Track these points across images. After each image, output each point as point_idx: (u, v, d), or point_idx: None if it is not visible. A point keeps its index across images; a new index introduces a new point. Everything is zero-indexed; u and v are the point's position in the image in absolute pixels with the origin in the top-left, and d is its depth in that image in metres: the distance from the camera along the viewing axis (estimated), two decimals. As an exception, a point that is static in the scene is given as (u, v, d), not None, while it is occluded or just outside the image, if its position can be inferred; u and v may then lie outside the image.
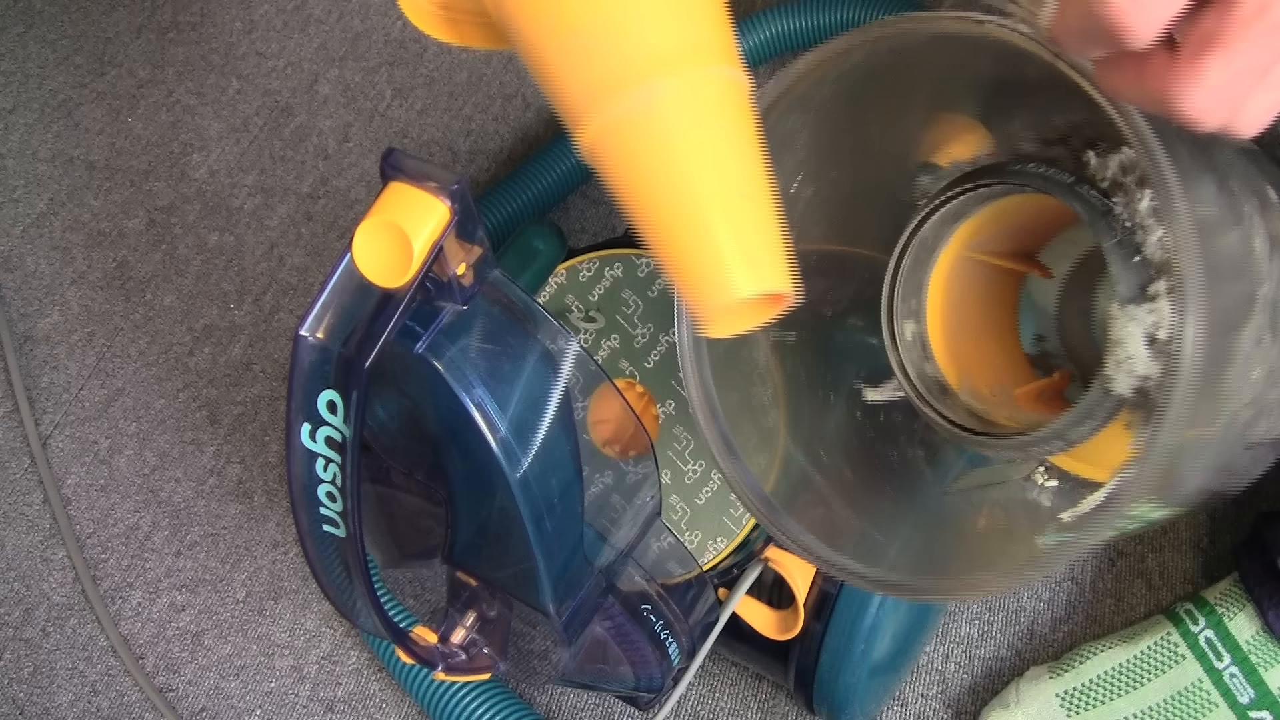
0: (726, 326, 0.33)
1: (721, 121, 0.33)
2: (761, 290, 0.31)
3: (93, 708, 0.66)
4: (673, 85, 0.32)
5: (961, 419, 0.45)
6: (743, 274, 0.31)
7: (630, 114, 0.32)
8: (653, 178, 0.32)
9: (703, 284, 0.32)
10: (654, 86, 0.32)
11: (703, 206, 0.32)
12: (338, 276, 0.37)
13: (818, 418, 0.48)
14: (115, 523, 0.71)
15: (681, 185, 0.32)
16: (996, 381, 0.48)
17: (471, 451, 0.40)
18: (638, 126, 0.32)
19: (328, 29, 0.90)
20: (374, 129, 0.84)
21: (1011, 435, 0.43)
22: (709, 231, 0.32)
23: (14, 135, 0.89)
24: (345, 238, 0.80)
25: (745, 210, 0.32)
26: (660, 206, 0.32)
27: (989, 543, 0.46)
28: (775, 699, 0.60)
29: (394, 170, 0.36)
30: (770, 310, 0.33)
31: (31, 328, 0.79)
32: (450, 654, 0.46)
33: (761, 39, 0.72)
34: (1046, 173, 0.41)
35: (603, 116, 0.32)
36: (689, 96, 0.32)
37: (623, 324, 0.54)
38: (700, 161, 0.32)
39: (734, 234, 0.32)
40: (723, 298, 0.32)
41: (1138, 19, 0.27)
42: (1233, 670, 0.52)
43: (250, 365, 0.76)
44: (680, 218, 0.32)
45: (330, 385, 0.37)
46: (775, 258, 0.32)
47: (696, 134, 0.32)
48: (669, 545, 0.49)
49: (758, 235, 0.32)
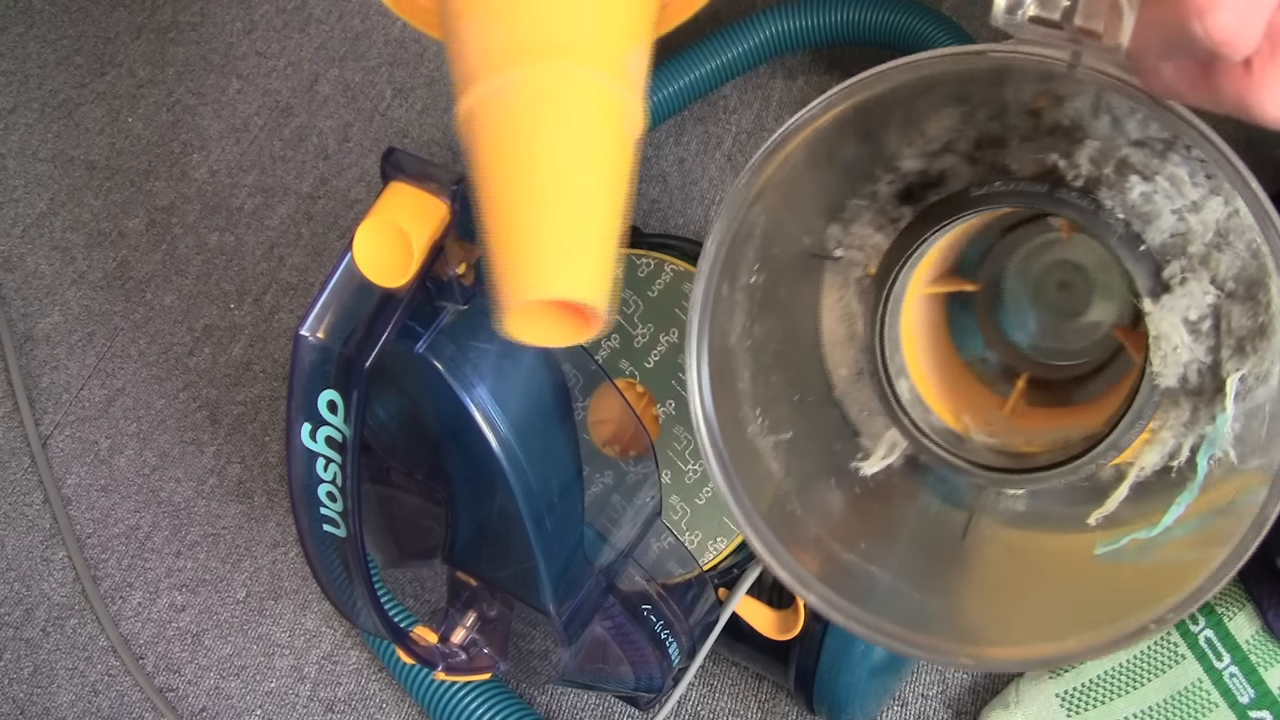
0: (531, 331, 0.33)
1: (578, 124, 0.32)
2: (560, 295, 0.31)
3: (93, 708, 0.66)
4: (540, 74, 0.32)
5: (991, 461, 0.44)
6: (548, 275, 0.31)
7: (496, 91, 0.32)
8: (496, 158, 0.32)
9: (511, 275, 0.31)
10: (524, 71, 0.32)
11: (529, 198, 0.32)
12: (338, 276, 0.37)
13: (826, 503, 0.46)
14: (115, 523, 0.71)
15: (516, 172, 0.32)
16: (985, 410, 0.47)
17: (471, 451, 0.40)
18: (498, 105, 0.32)
19: (328, 29, 0.90)
20: (374, 129, 0.84)
21: (1062, 463, 0.42)
22: (527, 223, 0.31)
23: (14, 135, 0.89)
24: (345, 238, 0.80)
25: (571, 214, 0.32)
26: (495, 188, 0.32)
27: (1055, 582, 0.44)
28: (775, 699, 0.60)
29: (394, 170, 0.36)
30: (582, 332, 0.33)
31: (31, 328, 0.79)
32: (450, 654, 0.46)
33: (762, 39, 0.72)
34: (1020, 189, 0.39)
35: (477, 89, 0.33)
36: (552, 90, 0.32)
37: (623, 324, 0.54)
38: (540, 154, 0.32)
39: (551, 233, 0.31)
40: (525, 293, 0.31)
41: (1243, 36, 0.26)
42: (1232, 670, 0.52)
43: (250, 365, 0.76)
44: (508, 203, 0.32)
45: (330, 385, 0.37)
46: (590, 271, 0.32)
47: (547, 127, 0.32)
48: (669, 545, 0.49)
49: (578, 243, 0.32)
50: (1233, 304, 0.38)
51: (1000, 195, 0.40)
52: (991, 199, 0.40)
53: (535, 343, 0.33)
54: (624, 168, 0.34)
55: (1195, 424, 0.40)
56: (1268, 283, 0.37)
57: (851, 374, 0.47)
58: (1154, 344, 0.38)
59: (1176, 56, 0.29)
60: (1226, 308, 0.38)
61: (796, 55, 0.78)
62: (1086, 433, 0.43)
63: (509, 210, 0.32)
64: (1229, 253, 0.38)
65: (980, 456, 0.44)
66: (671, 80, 0.72)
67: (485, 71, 0.33)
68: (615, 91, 0.33)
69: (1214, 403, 0.39)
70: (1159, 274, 0.38)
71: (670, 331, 0.53)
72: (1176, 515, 0.39)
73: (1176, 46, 0.28)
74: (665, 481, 0.52)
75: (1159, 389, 0.39)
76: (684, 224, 0.75)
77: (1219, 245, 0.38)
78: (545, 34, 0.33)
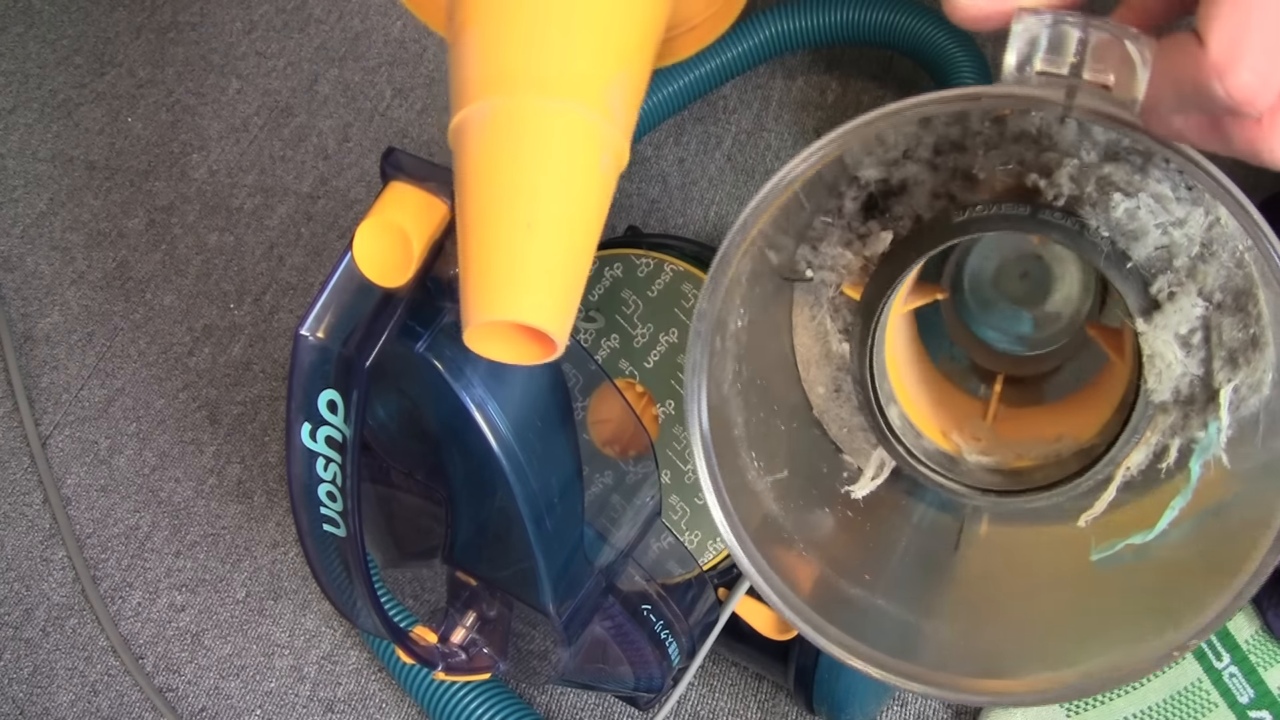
0: (488, 348, 0.34)
1: (551, 154, 0.33)
2: (517, 319, 0.32)
3: (93, 708, 0.66)
4: (519, 103, 0.33)
5: (986, 482, 0.44)
6: (508, 298, 0.32)
7: (479, 114, 0.34)
8: (471, 179, 0.33)
9: (473, 294, 0.33)
10: (505, 99, 0.33)
11: (497, 220, 0.33)
12: (338, 276, 0.37)
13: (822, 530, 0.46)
14: (115, 523, 0.71)
15: (488, 194, 0.33)
16: (969, 420, 0.47)
17: (471, 451, 0.40)
18: (479, 127, 0.34)
19: (328, 29, 0.90)
20: (374, 129, 0.84)
21: (1060, 482, 0.42)
22: (493, 245, 0.33)
23: (14, 135, 0.89)
24: (345, 238, 0.80)
25: (536, 240, 0.33)
26: (468, 208, 0.33)
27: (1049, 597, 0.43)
28: (775, 699, 0.60)
29: (394, 170, 0.36)
30: (538, 355, 0.34)
31: (31, 328, 0.79)
32: (450, 654, 0.46)
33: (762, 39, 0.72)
34: (1003, 213, 0.39)
35: (465, 110, 0.34)
36: (528, 118, 0.33)
37: (623, 324, 0.54)
38: (510, 179, 0.33)
39: (514, 257, 0.32)
40: (484, 314, 0.32)
41: (1262, 95, 0.26)
42: (1232, 670, 0.52)
43: (250, 365, 0.76)
44: (478, 223, 0.33)
45: (330, 385, 0.37)
46: (549, 299, 0.33)
47: (520, 153, 0.33)
48: (669, 545, 0.49)
49: (539, 270, 0.33)
50: (1222, 316, 0.38)
51: (983, 221, 0.39)
52: (974, 225, 0.39)
53: (491, 358, 0.34)
54: (595, 200, 0.35)
55: (1186, 428, 0.40)
56: (1255, 293, 0.37)
57: (829, 391, 0.47)
58: (1148, 363, 0.38)
59: (1192, 112, 0.29)
60: (1216, 320, 0.38)
61: (796, 55, 0.78)
62: (1078, 445, 0.43)
63: (478, 230, 0.33)
64: (1214, 264, 0.38)
65: (975, 478, 0.44)
66: (671, 80, 0.72)
67: (474, 94, 0.34)
68: (593, 125, 0.34)
69: (1205, 410, 0.39)
70: (1147, 291, 0.38)
71: (670, 331, 0.53)
72: (1171, 519, 0.39)
73: (1192, 103, 0.28)
74: (665, 481, 0.52)
75: (1153, 404, 0.39)
76: (684, 224, 0.75)
77: (1204, 257, 0.38)
78: (528, 64, 0.34)
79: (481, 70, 0.34)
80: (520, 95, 0.33)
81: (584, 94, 0.34)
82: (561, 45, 0.34)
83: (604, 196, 0.35)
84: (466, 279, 0.33)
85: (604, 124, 0.34)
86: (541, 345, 0.34)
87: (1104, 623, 0.40)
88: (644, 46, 0.38)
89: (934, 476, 0.44)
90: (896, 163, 0.42)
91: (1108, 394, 0.42)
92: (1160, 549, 0.40)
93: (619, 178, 0.37)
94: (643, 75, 0.38)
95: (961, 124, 0.41)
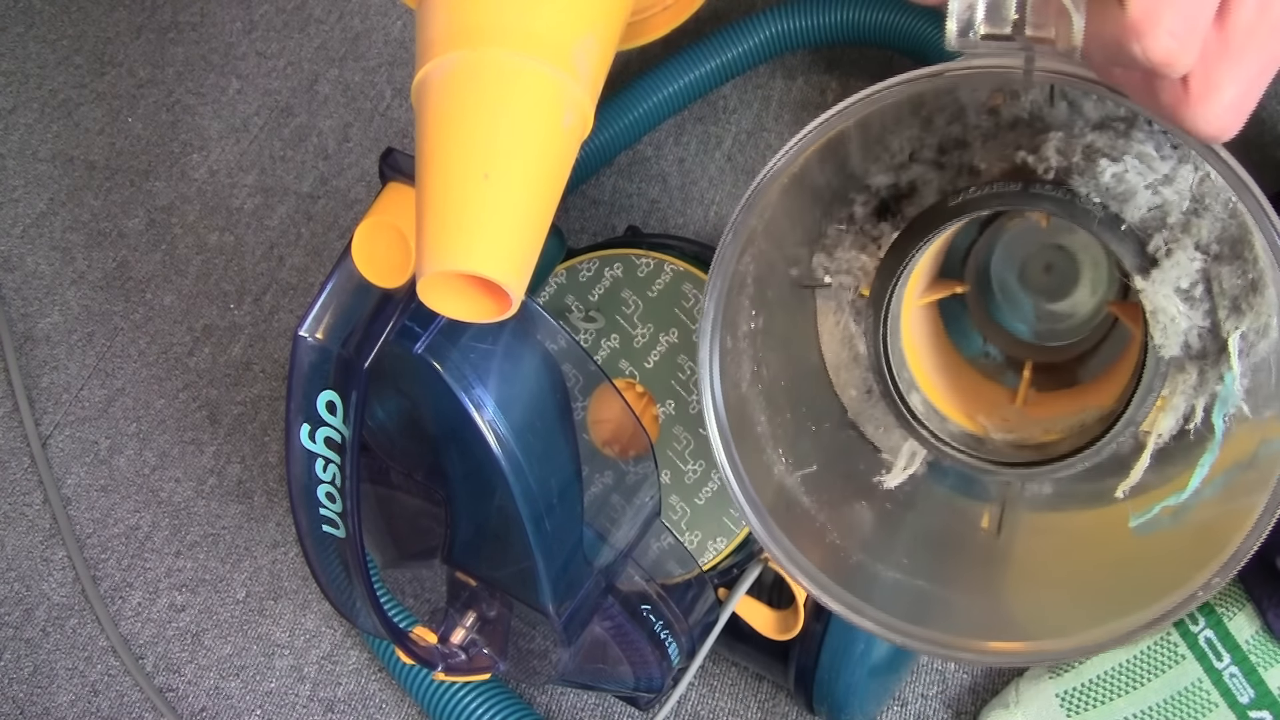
0: (442, 301, 0.33)
1: (511, 107, 0.33)
2: (470, 270, 0.32)
3: (93, 708, 0.66)
4: (481, 55, 0.33)
5: (1013, 457, 0.44)
6: (461, 248, 0.32)
7: (440, 68, 0.33)
8: (431, 131, 0.33)
9: (428, 244, 0.32)
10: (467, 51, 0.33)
11: (455, 171, 0.32)
12: (337, 277, 0.37)
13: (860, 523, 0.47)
14: (115, 523, 0.71)
15: (447, 146, 0.33)
16: (999, 406, 0.47)
17: (471, 451, 0.40)
18: (440, 80, 0.33)
19: (328, 29, 0.90)
20: (374, 129, 0.84)
21: (1082, 448, 0.42)
22: (449, 195, 0.32)
23: (14, 135, 0.89)
24: (345, 238, 0.80)
25: (493, 192, 0.32)
26: (427, 160, 0.33)
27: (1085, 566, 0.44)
28: (775, 699, 0.60)
29: (393, 170, 0.36)
30: (492, 312, 0.33)
31: (31, 328, 0.79)
32: (450, 654, 0.46)
33: (762, 39, 0.71)
34: (994, 191, 0.40)
35: (428, 64, 0.34)
36: (490, 71, 0.33)
37: (622, 324, 0.54)
38: (470, 131, 0.33)
39: (470, 207, 0.32)
40: (437, 263, 0.32)
41: (1180, 58, 0.27)
42: (1232, 670, 0.52)
43: (250, 365, 0.76)
44: (436, 175, 0.33)
45: (329, 385, 0.37)
46: (504, 251, 0.32)
47: (480, 105, 0.33)
48: (669, 545, 0.49)
49: (494, 221, 0.32)
50: (1220, 266, 0.38)
51: (976, 201, 0.40)
52: (968, 206, 0.40)
53: (444, 314, 0.34)
54: (556, 156, 0.34)
55: (1204, 385, 0.40)
56: (1250, 239, 0.37)
57: (861, 393, 0.47)
58: (1152, 319, 0.38)
59: (1121, 66, 0.29)
60: (1215, 270, 0.38)
61: (796, 55, 0.78)
62: (1101, 412, 0.43)
63: (435, 181, 0.33)
64: (1208, 217, 0.38)
65: (1002, 454, 0.45)
66: (671, 80, 0.72)
67: (438, 49, 0.34)
68: (559, 82, 0.34)
69: (1219, 363, 0.40)
70: (1144, 250, 0.38)
71: (670, 331, 0.53)
72: (1203, 476, 0.40)
73: (1118, 61, 0.28)
74: (665, 481, 0.52)
75: (1164, 360, 0.39)
76: (684, 224, 0.75)
77: (1197, 211, 0.38)
78: (495, 19, 0.33)
79: (447, 26, 0.34)
80: (484, 48, 0.33)
81: (550, 51, 0.34)
82: (530, 2, 0.34)
83: (566, 154, 0.35)
84: (422, 231, 0.32)
85: (570, 82, 0.34)
86: (496, 300, 0.33)
87: (1144, 581, 0.40)
88: (614, 11, 0.37)
89: (960, 457, 0.45)
90: (904, 166, 0.43)
91: (1129, 365, 0.43)
92: (1195, 509, 0.40)
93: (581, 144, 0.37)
94: (611, 40, 0.38)
95: (961, 121, 0.41)
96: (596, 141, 0.73)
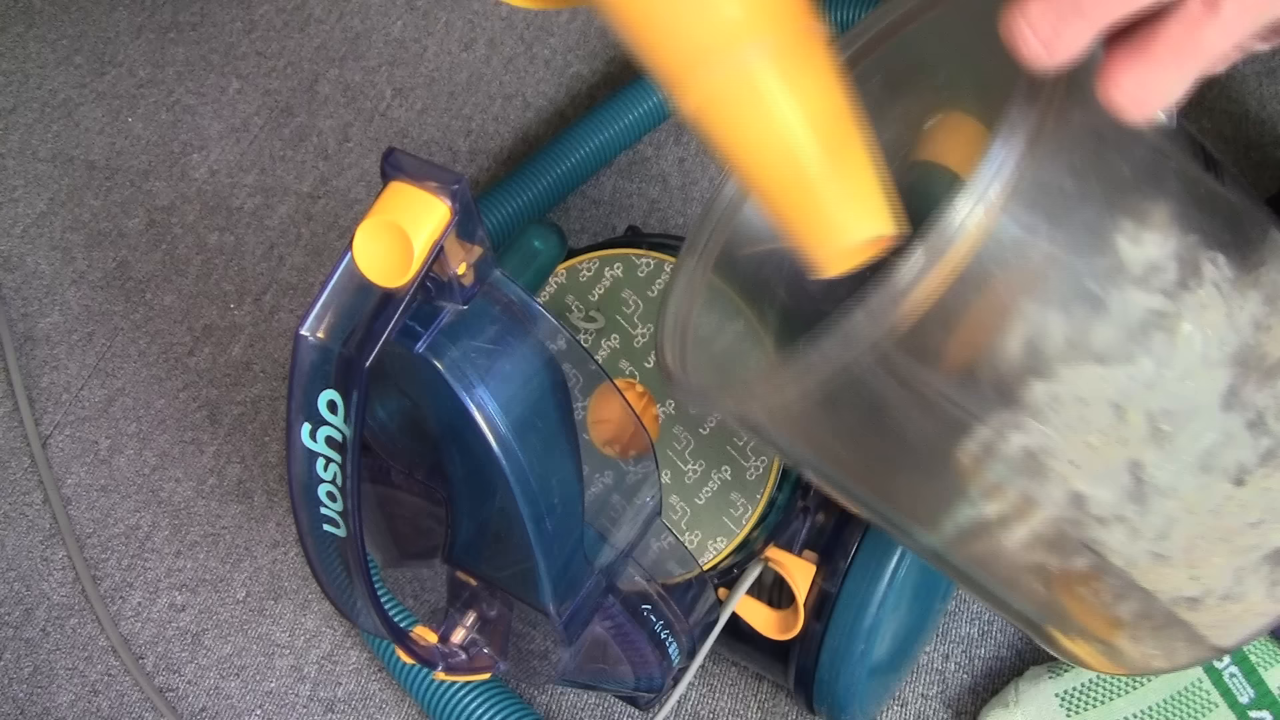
0: (839, 267, 0.35)
1: (809, 77, 0.34)
2: (869, 236, 0.33)
3: (93, 708, 0.66)
4: (760, 48, 0.33)
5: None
6: (854, 222, 0.34)
7: (726, 81, 0.33)
8: (757, 139, 0.34)
9: (818, 233, 0.34)
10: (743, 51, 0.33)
11: (808, 162, 0.33)
12: (338, 276, 0.37)
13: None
14: (115, 523, 0.71)
15: (785, 143, 0.33)
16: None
17: (471, 451, 0.40)
18: (735, 93, 0.33)
19: (328, 29, 0.90)
20: (374, 129, 0.84)
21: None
22: (819, 185, 0.33)
23: (14, 135, 0.89)
24: (345, 238, 0.80)
25: (847, 161, 0.34)
26: (768, 165, 0.34)
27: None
28: (775, 699, 0.60)
29: (394, 170, 0.36)
30: (876, 246, 0.35)
31: (31, 328, 0.79)
32: (450, 654, 0.46)
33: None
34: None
35: (701, 85, 0.33)
36: (777, 58, 0.33)
37: (623, 324, 0.54)
38: (798, 119, 0.33)
39: (841, 185, 0.33)
40: (837, 244, 0.34)
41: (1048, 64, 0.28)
42: (1232, 670, 0.52)
43: (250, 365, 0.76)
44: (788, 174, 0.34)
45: (330, 385, 0.37)
46: (878, 201, 0.34)
47: (790, 93, 0.33)
48: (669, 545, 0.49)
49: (860, 183, 0.34)
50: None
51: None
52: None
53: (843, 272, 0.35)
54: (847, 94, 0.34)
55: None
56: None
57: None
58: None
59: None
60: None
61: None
62: None
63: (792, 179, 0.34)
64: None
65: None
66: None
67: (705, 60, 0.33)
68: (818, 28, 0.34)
69: None
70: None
71: (670, 331, 0.53)
72: None
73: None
74: (665, 481, 0.52)
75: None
76: (684, 224, 0.75)
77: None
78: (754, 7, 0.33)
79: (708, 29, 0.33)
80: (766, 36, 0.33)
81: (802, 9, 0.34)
82: None
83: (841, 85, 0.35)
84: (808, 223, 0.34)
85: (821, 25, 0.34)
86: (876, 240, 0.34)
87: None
88: None
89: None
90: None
91: None
92: None
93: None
94: None
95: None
96: (597, 141, 0.73)
